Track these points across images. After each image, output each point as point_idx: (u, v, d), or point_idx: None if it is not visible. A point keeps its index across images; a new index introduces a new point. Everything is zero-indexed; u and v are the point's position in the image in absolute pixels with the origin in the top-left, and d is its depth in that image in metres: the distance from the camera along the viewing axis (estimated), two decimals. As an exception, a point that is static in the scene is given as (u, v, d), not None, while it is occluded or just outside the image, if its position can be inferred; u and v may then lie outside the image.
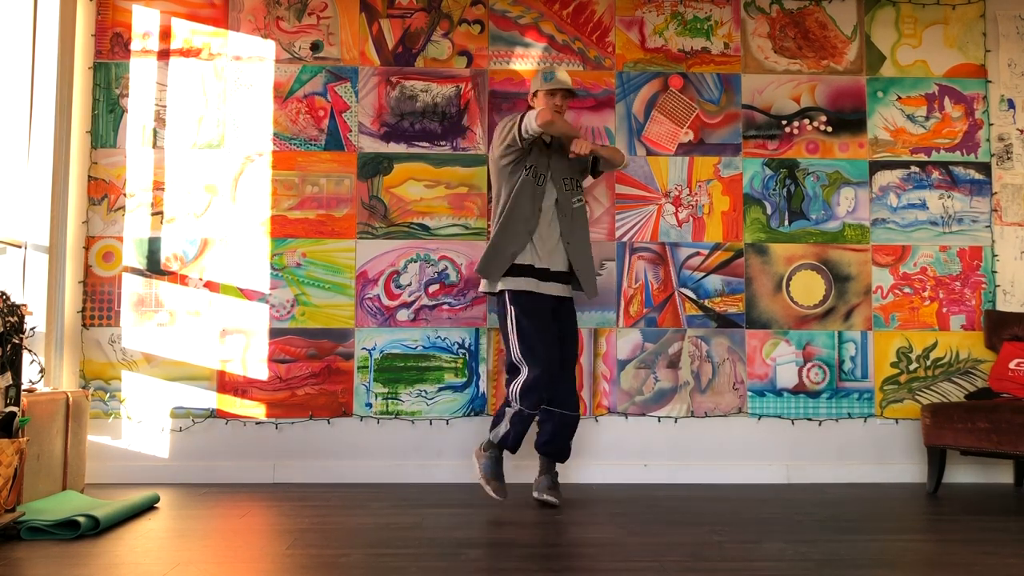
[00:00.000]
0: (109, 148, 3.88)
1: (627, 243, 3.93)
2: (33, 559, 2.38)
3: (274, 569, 2.30)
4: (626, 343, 3.89)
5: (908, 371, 3.93)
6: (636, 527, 2.83)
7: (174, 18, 3.93)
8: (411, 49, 3.97)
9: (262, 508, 3.17)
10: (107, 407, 3.77)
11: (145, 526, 2.83)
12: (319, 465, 3.77)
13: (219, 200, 3.87)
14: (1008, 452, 3.35)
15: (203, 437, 3.78)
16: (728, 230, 3.96)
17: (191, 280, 3.84)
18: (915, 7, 4.08)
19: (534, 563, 2.35)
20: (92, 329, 3.80)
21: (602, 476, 3.79)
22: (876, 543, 2.63)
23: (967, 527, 2.89)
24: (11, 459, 2.62)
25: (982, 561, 2.39)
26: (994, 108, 4.04)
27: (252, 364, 3.81)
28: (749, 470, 3.84)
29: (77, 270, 3.81)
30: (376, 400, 3.82)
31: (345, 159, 3.91)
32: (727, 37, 4.03)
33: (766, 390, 3.90)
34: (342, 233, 3.88)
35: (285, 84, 3.93)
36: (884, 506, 3.29)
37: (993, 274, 3.97)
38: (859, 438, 3.89)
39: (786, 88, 4.02)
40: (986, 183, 4.01)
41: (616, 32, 4.01)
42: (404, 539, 2.64)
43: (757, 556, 2.44)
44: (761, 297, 3.93)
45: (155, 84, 3.90)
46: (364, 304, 3.85)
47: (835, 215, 3.98)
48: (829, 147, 4.01)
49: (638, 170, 3.96)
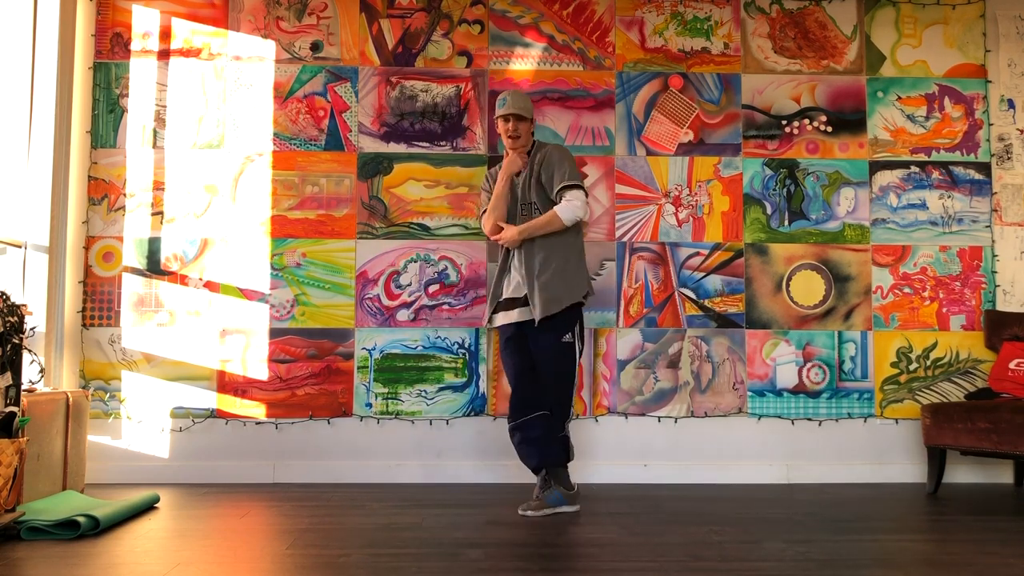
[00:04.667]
0: (109, 148, 3.88)
1: (627, 243, 3.93)
2: (33, 559, 2.38)
3: (274, 569, 2.30)
4: (626, 343, 3.89)
5: (908, 371, 3.93)
6: (636, 527, 2.83)
7: (174, 18, 3.93)
8: (411, 49, 3.97)
9: (262, 508, 3.17)
10: (107, 407, 3.77)
11: (145, 526, 2.83)
12: (319, 465, 3.77)
13: (219, 200, 3.87)
14: (1008, 452, 3.35)
15: (203, 437, 3.78)
16: (728, 230, 3.96)
17: (191, 280, 3.84)
18: (915, 7, 4.08)
19: (534, 563, 2.35)
20: (92, 329, 3.80)
21: (602, 476, 3.79)
22: (876, 543, 2.63)
23: (967, 527, 2.89)
24: (11, 459, 2.62)
25: (982, 561, 2.39)
26: (994, 108, 4.04)
27: (252, 364, 3.81)
28: (749, 470, 3.84)
29: (77, 270, 3.81)
30: (376, 400, 3.82)
31: (345, 159, 3.91)
32: (727, 37, 4.03)
33: (766, 390, 3.90)
34: (342, 233, 3.88)
35: (285, 84, 3.93)
36: (884, 506, 3.28)
37: (993, 274, 3.97)
38: (859, 438, 3.89)
39: (786, 88, 4.02)
40: (986, 183, 4.01)
41: (616, 32, 4.01)
42: (404, 539, 2.64)
43: (757, 556, 2.44)
44: (761, 297, 3.93)
45: (155, 84, 3.91)
46: (364, 304, 3.85)
47: (835, 215, 3.98)
48: (829, 147, 4.01)
49: (638, 170, 3.96)
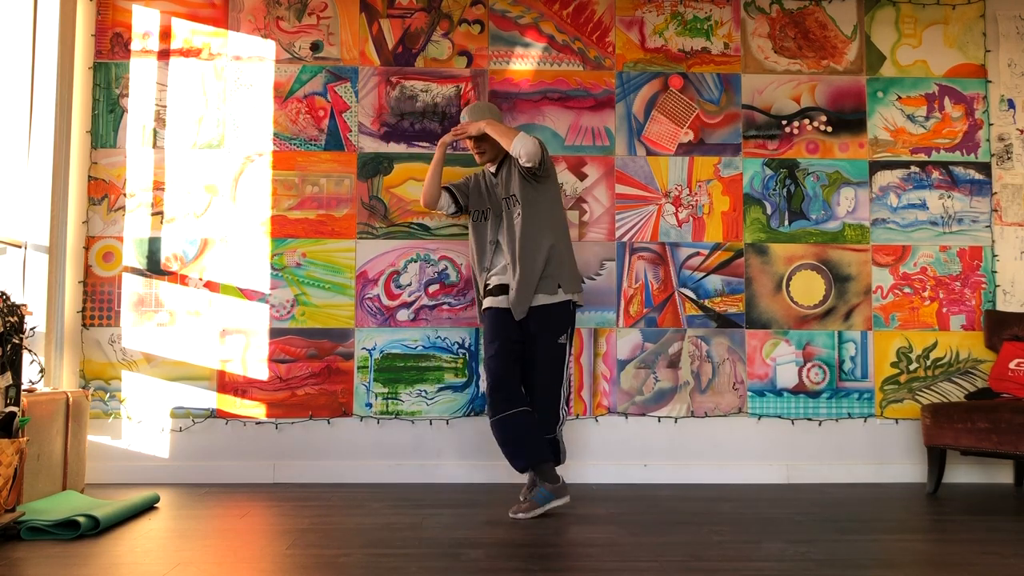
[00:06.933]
0: (109, 148, 3.88)
1: (627, 243, 3.93)
2: (33, 559, 2.38)
3: (274, 569, 2.30)
4: (626, 343, 3.89)
5: (908, 371, 3.93)
6: (636, 527, 2.83)
7: (174, 18, 3.93)
8: (411, 49, 3.97)
9: (262, 508, 3.17)
10: (107, 407, 3.77)
11: (145, 526, 2.83)
12: (319, 465, 3.77)
13: (219, 200, 3.87)
14: (1008, 452, 3.35)
15: (203, 437, 3.78)
16: (728, 230, 3.96)
17: (191, 280, 3.84)
18: (915, 7, 4.08)
19: (534, 563, 2.35)
20: (92, 329, 3.80)
21: (602, 476, 3.79)
22: (876, 543, 2.63)
23: (967, 527, 2.89)
24: (11, 459, 2.62)
25: (982, 561, 2.39)
26: (994, 108, 4.04)
27: (252, 364, 3.81)
28: (749, 470, 3.84)
29: (77, 270, 3.81)
30: (376, 400, 3.82)
31: (345, 159, 3.91)
32: (727, 37, 4.03)
33: (766, 390, 3.90)
34: (342, 233, 3.88)
35: (285, 84, 3.93)
36: (884, 506, 3.29)
37: (993, 274, 3.97)
38: (859, 438, 3.89)
39: (786, 88, 4.02)
40: (986, 183, 4.01)
41: (616, 32, 4.01)
42: (404, 539, 2.64)
43: (757, 556, 2.44)
44: (761, 297, 3.93)
45: (155, 84, 3.91)
46: (364, 304, 3.85)
47: (835, 215, 3.98)
48: (829, 147, 4.01)
49: (638, 170, 3.96)
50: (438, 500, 3.33)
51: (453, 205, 3.47)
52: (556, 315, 3.17)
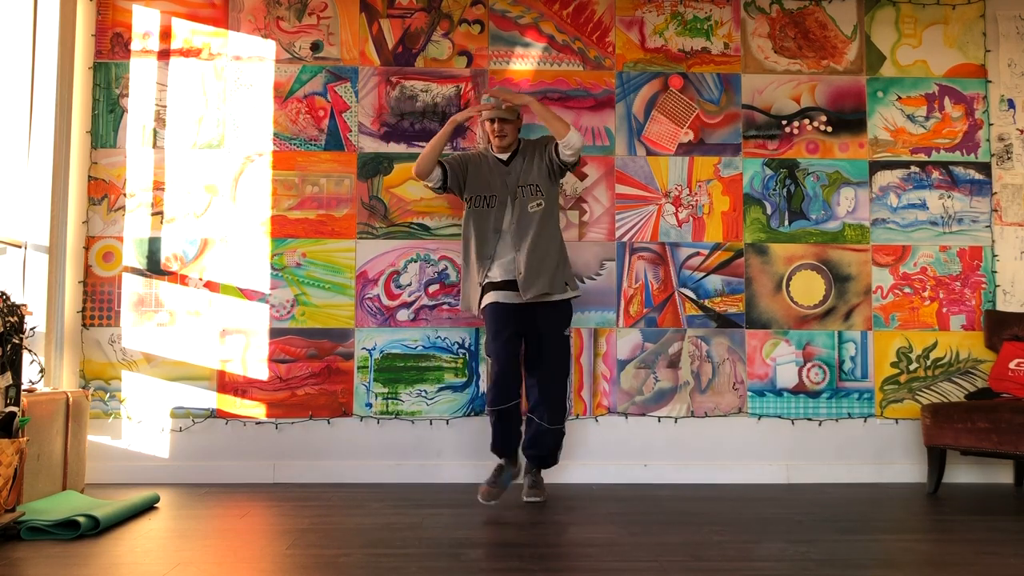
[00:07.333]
0: (109, 148, 3.88)
1: (627, 243, 3.92)
2: (33, 559, 2.38)
3: (274, 569, 2.30)
4: (626, 343, 3.89)
5: (908, 371, 3.93)
6: (636, 527, 2.83)
7: (174, 18, 3.93)
8: (411, 49, 3.97)
9: (262, 508, 3.17)
10: (107, 407, 3.77)
11: (145, 526, 2.83)
12: (319, 465, 3.77)
13: (219, 200, 3.87)
14: (1008, 452, 3.35)
15: (203, 437, 3.78)
16: (728, 230, 3.96)
17: (191, 280, 3.84)
18: (915, 7, 4.08)
19: (534, 563, 2.35)
20: (92, 329, 3.80)
21: (602, 476, 3.79)
22: (876, 543, 2.63)
23: (967, 527, 2.89)
24: (11, 459, 2.61)
25: (982, 561, 2.39)
26: (994, 108, 4.04)
27: (252, 364, 3.81)
28: (749, 470, 3.84)
29: (77, 270, 3.81)
30: (376, 400, 3.82)
31: (345, 159, 3.91)
32: (727, 37, 4.03)
33: (766, 390, 3.90)
34: (342, 233, 3.88)
35: (285, 84, 3.93)
36: (884, 506, 3.29)
37: (993, 274, 3.97)
38: (859, 438, 3.89)
39: (786, 88, 4.02)
40: (986, 183, 4.01)
41: (616, 32, 4.01)
42: (404, 539, 2.64)
43: (757, 556, 2.44)
44: (761, 297, 3.93)
45: (155, 84, 3.90)
46: (364, 304, 3.85)
47: (835, 215, 3.98)
48: (829, 147, 4.01)
49: (638, 170, 3.96)
50: (438, 500, 3.33)
51: (440, 180, 3.46)
52: (563, 311, 3.39)
